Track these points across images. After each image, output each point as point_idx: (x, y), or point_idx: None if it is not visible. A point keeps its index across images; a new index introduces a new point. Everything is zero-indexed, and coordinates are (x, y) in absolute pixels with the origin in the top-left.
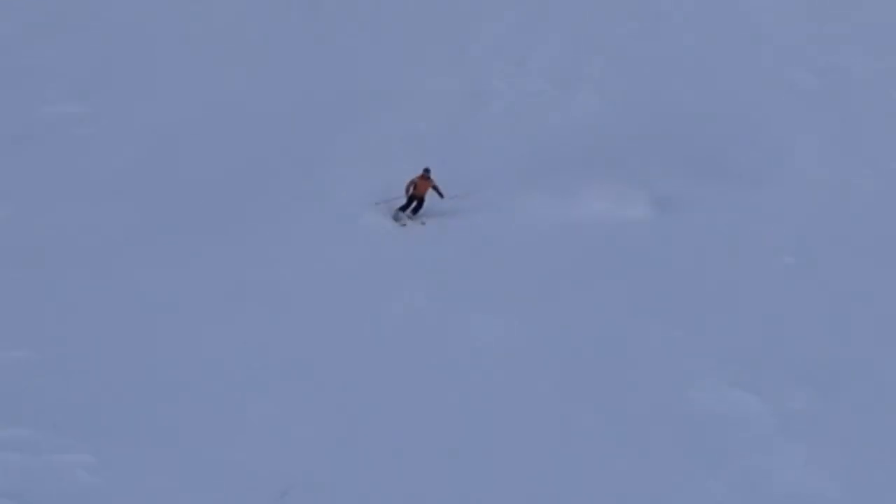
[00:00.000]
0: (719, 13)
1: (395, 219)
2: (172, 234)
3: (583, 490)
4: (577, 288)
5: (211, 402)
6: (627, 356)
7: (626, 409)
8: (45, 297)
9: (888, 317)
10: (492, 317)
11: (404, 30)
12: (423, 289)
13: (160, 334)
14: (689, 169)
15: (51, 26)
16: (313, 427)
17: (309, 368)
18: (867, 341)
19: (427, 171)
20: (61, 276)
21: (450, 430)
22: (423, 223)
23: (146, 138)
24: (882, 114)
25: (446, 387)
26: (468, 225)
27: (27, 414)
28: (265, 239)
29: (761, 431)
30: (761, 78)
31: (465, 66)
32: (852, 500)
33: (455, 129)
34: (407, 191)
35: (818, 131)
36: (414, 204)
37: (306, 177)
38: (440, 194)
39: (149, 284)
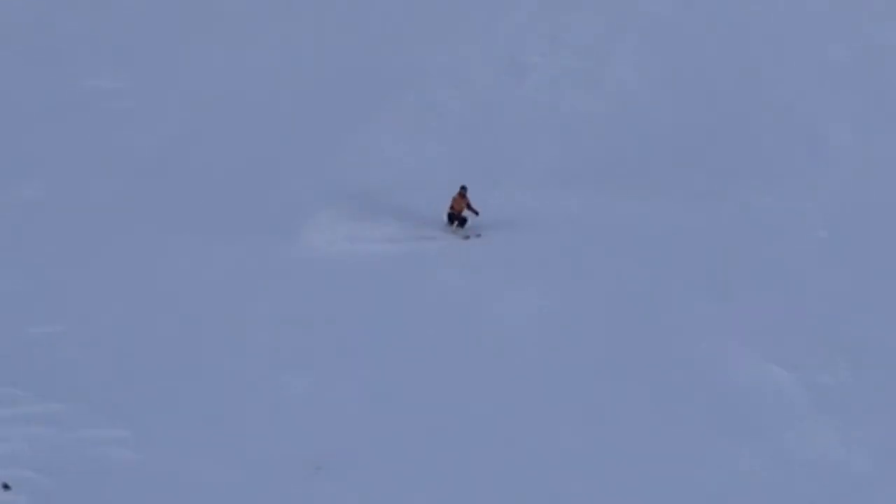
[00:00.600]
0: None
1: (448, 231)
2: (210, 210)
3: (616, 461)
4: (610, 265)
5: (248, 378)
6: (661, 332)
7: (658, 383)
8: (79, 273)
9: None
10: (525, 294)
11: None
12: (458, 270)
13: (196, 311)
14: (724, 146)
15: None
16: (349, 403)
17: (346, 346)
18: None
19: (463, 188)
20: (95, 252)
21: (484, 404)
22: (466, 237)
23: (185, 112)
24: None
25: (480, 363)
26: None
27: (61, 389)
28: (302, 216)
29: (793, 405)
30: (796, 53)
31: (498, 41)
32: (882, 473)
33: (488, 107)
34: (471, 210)
35: (853, 108)
36: (455, 222)
37: (340, 152)
38: (475, 212)
39: (185, 261)
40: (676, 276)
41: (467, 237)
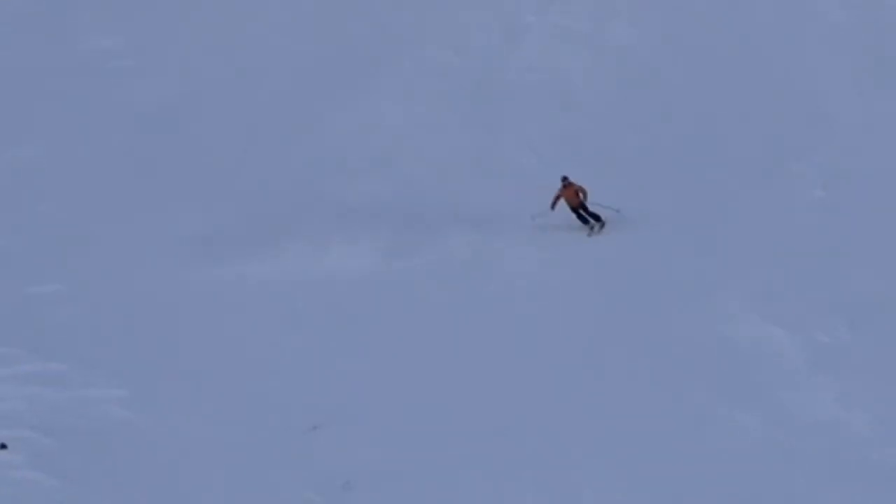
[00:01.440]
0: None
1: (598, 220)
2: (211, 170)
3: (616, 422)
4: (609, 226)
5: (245, 337)
6: (659, 291)
7: (658, 343)
8: (78, 233)
9: None
10: (526, 253)
11: None
12: (459, 230)
13: (194, 270)
14: (721, 107)
15: None
16: (345, 362)
17: (342, 305)
18: None
19: (565, 178)
20: (93, 211)
21: (483, 363)
22: (617, 210)
23: (185, 70)
24: None
25: (480, 321)
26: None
27: (59, 349)
28: (296, 183)
29: (792, 365)
30: (795, 14)
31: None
32: (880, 432)
33: (489, 65)
34: (554, 204)
35: (851, 69)
36: (586, 220)
37: (341, 112)
38: (584, 193)
39: (182, 221)
40: (674, 238)
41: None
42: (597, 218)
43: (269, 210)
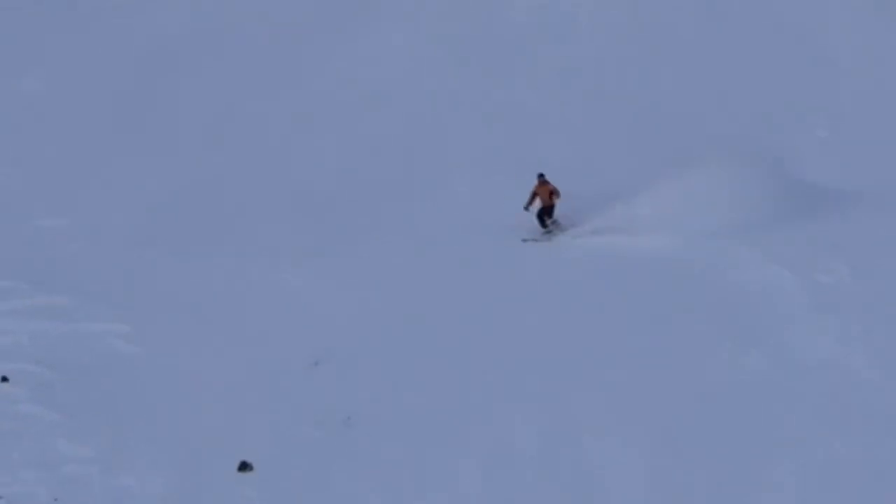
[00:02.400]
0: None
1: (548, 232)
2: (213, 104)
3: (617, 362)
4: (614, 175)
5: (249, 276)
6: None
7: (659, 283)
8: (82, 167)
9: None
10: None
11: None
12: (459, 172)
13: (196, 208)
14: (724, 49)
15: None
16: (348, 300)
17: (341, 245)
18: None
19: (542, 176)
20: (98, 144)
21: (486, 302)
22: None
23: (191, 9)
24: None
25: (484, 261)
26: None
27: (63, 283)
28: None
29: (794, 305)
30: None
31: None
32: (881, 373)
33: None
34: (529, 203)
35: (854, 9)
36: (549, 220)
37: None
38: (558, 194)
39: (190, 156)
40: (668, 165)
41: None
42: (554, 222)
43: (268, 145)
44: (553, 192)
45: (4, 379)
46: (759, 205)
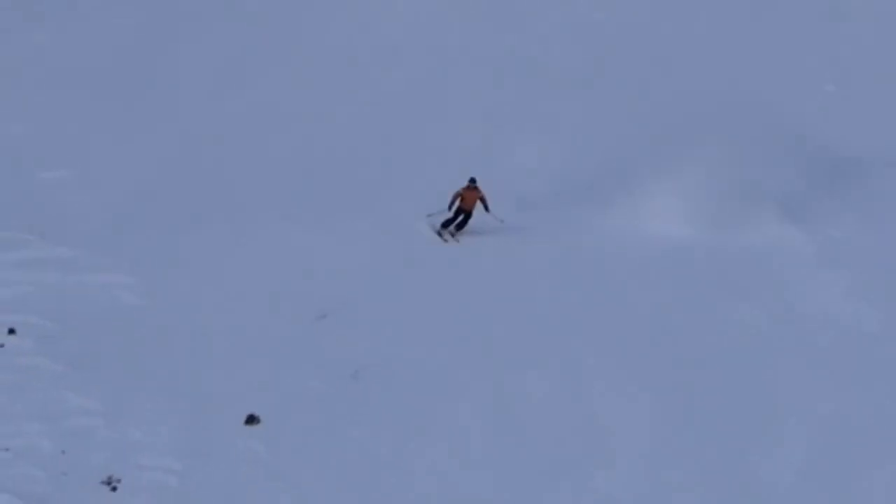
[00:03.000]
0: None
1: (439, 234)
2: (216, 52)
3: (623, 317)
4: (613, 129)
5: (254, 229)
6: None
7: (666, 239)
8: (86, 119)
9: None
10: (529, 151)
11: None
12: (468, 116)
13: (202, 159)
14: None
15: None
16: (353, 256)
17: (350, 202)
18: None
19: (473, 180)
20: (103, 97)
21: (491, 257)
22: (457, 241)
23: None
24: None
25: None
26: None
27: (67, 234)
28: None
29: (802, 260)
30: None
31: None
32: (888, 327)
33: None
34: (452, 203)
35: None
36: (460, 219)
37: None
38: (486, 208)
39: (194, 106)
40: (678, 128)
41: (458, 241)
42: (459, 228)
43: (272, 101)
44: (481, 200)
45: (11, 331)
46: (768, 163)
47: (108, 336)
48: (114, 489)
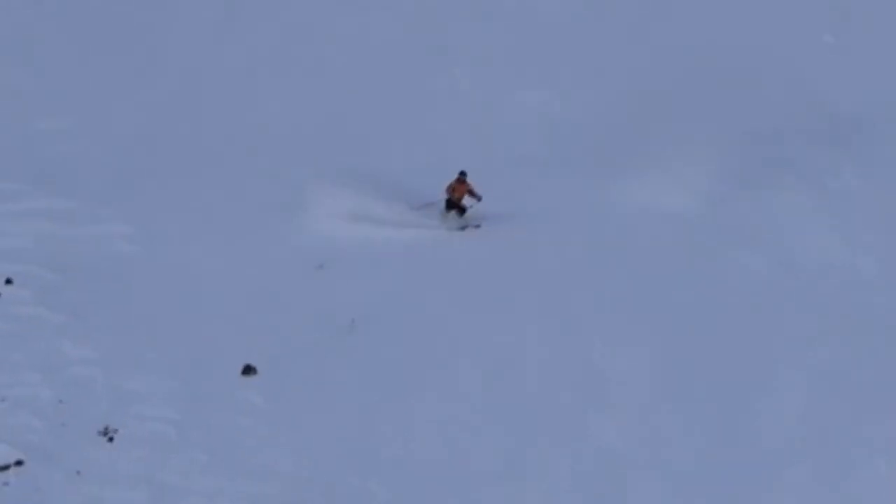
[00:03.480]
0: None
1: (443, 220)
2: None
3: (623, 265)
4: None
5: (255, 177)
6: (662, 130)
7: (653, 177)
8: (86, 69)
9: None
10: (530, 97)
11: None
12: (468, 68)
13: (201, 107)
14: None
15: None
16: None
17: (345, 149)
18: None
19: (463, 174)
20: (103, 46)
21: (484, 205)
22: (477, 225)
23: None
24: None
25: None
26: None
27: (66, 185)
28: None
29: (801, 210)
30: None
31: None
32: (886, 276)
33: None
34: (445, 192)
35: None
36: (453, 210)
37: None
38: (477, 197)
39: (194, 54)
40: (677, 69)
41: (464, 227)
42: (462, 212)
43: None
44: (470, 192)
45: (8, 281)
46: (766, 114)
47: (106, 286)
48: (111, 439)
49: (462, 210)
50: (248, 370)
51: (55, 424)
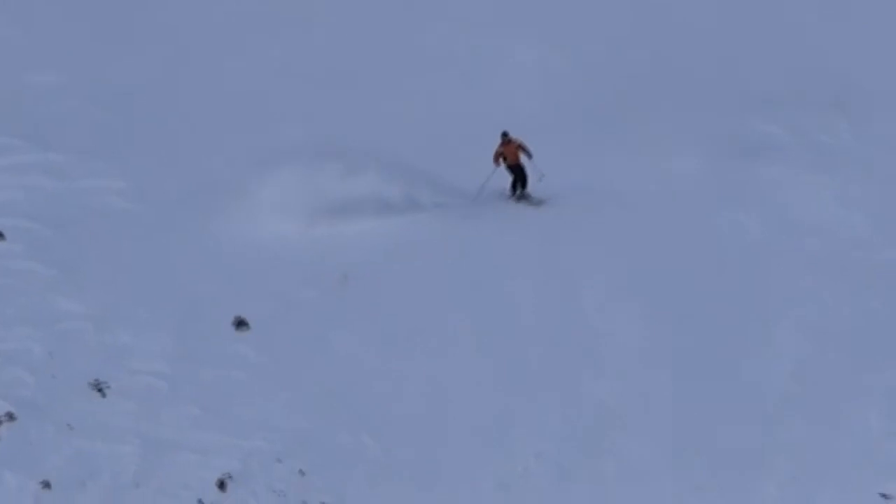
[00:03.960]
0: None
1: (518, 200)
2: None
3: (612, 221)
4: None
5: (241, 131)
6: (658, 86)
7: (651, 139)
8: (78, 23)
9: None
10: (531, 43)
11: None
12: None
13: (192, 62)
14: None
15: None
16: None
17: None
18: None
19: (505, 134)
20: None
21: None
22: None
23: None
24: None
25: (486, 104)
26: None
27: (58, 139)
28: None
29: (794, 166)
30: None
31: None
32: (880, 232)
33: None
34: (496, 162)
35: None
36: (513, 178)
37: None
38: (528, 154)
39: (179, 11)
40: (674, 33)
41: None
42: (523, 187)
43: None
44: (521, 148)
45: (0, 235)
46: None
47: (98, 241)
48: (103, 393)
49: (524, 177)
50: (241, 324)
51: (46, 378)
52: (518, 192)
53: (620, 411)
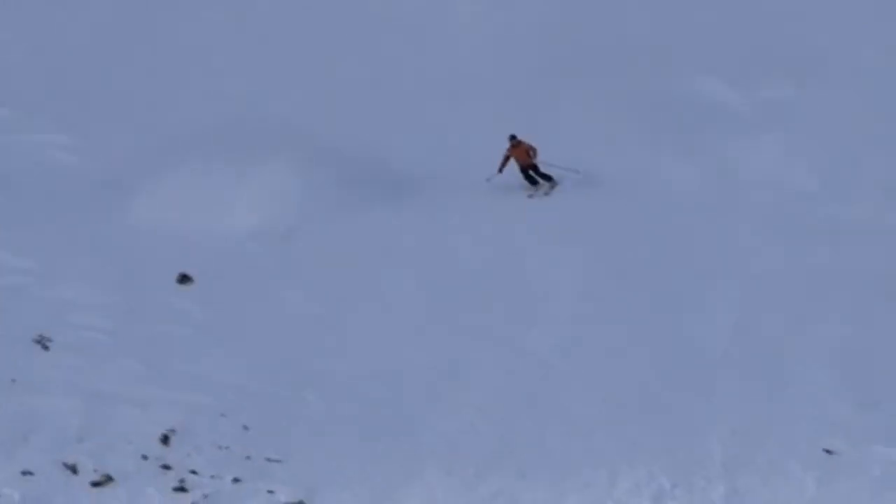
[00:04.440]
0: None
1: (546, 192)
2: None
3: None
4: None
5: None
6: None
7: (596, 98)
8: None
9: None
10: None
11: None
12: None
13: (137, 19)
14: None
15: None
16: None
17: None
18: (846, 29)
19: (513, 137)
20: None
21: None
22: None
23: None
24: None
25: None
26: None
27: (4, 93)
28: None
29: (738, 120)
30: None
31: None
32: (823, 187)
33: None
34: (502, 167)
35: None
36: (531, 176)
37: None
38: (534, 151)
39: None
40: None
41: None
42: (547, 178)
43: None
44: (529, 150)
45: None
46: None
47: (42, 195)
48: (46, 348)
49: (541, 174)
50: (185, 279)
51: None
52: (544, 183)
53: (558, 364)
